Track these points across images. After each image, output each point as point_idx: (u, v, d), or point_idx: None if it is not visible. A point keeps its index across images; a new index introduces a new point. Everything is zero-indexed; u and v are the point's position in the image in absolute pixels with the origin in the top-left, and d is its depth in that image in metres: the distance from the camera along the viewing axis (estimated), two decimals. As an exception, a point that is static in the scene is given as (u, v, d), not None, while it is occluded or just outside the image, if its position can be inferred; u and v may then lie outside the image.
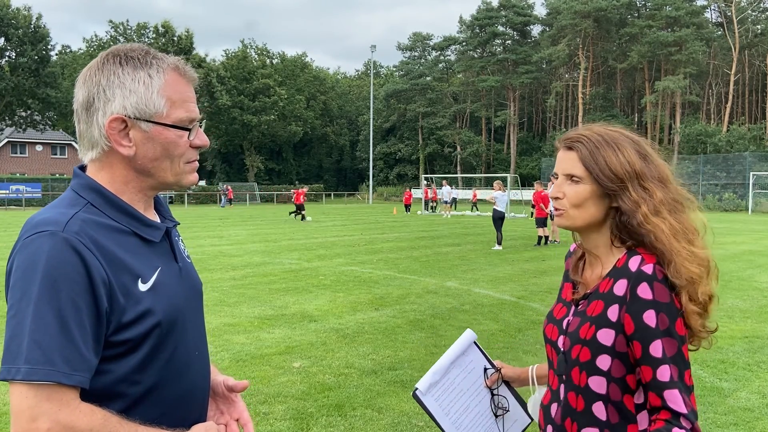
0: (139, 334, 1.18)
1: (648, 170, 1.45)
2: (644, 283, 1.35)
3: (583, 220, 1.47)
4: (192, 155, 1.32)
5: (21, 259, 1.13)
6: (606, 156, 1.43)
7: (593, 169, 1.44)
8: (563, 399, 1.50)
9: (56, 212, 1.18)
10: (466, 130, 68.66)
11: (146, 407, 1.20)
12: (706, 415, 4.39)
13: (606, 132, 1.49)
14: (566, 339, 1.48)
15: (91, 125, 1.24)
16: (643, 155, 1.47)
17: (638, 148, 1.47)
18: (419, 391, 1.51)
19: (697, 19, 56.12)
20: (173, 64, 1.28)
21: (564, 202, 1.48)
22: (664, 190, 1.44)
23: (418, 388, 1.52)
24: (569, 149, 1.49)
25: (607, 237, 1.49)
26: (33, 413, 1.05)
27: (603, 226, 1.48)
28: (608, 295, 1.42)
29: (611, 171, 1.42)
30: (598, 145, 1.45)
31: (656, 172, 1.46)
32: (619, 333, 1.38)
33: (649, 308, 1.34)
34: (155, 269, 1.25)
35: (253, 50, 66.83)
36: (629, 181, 1.42)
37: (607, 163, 1.43)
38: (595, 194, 1.45)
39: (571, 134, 1.51)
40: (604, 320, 1.40)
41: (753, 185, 38.68)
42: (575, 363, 1.45)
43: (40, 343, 1.06)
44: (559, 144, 1.53)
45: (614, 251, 1.48)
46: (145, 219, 1.28)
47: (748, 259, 13.26)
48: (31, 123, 49.43)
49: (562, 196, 1.48)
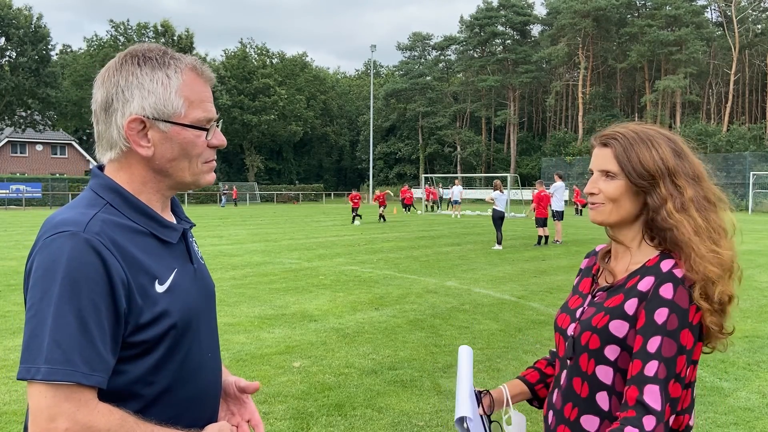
0: (156, 335, 1.18)
1: (682, 167, 1.46)
2: (669, 283, 1.36)
3: (618, 215, 1.48)
4: (210, 155, 1.32)
5: (41, 259, 1.13)
6: (639, 152, 1.45)
7: (626, 165, 1.45)
8: (564, 383, 1.50)
9: (76, 212, 1.18)
10: (466, 130, 68.67)
11: (160, 408, 1.21)
12: (706, 415, 4.39)
13: (642, 129, 1.50)
14: (577, 325, 1.49)
15: (109, 126, 1.25)
16: (678, 153, 1.48)
17: (673, 146, 1.48)
18: (469, 419, 1.40)
19: (697, 18, 56.17)
20: (191, 64, 1.29)
21: (600, 197, 1.49)
22: (696, 188, 1.45)
23: (467, 416, 1.40)
24: (604, 146, 1.51)
25: (638, 232, 1.50)
26: (52, 413, 1.05)
27: (636, 222, 1.49)
28: (630, 289, 1.42)
29: (643, 167, 1.44)
30: (632, 142, 1.47)
31: (690, 170, 1.47)
32: (632, 327, 1.39)
33: (663, 306, 1.35)
34: (172, 270, 1.25)
35: (252, 50, 66.85)
36: (660, 177, 1.43)
37: (640, 160, 1.44)
38: (629, 190, 1.46)
39: (607, 131, 1.53)
40: (619, 312, 1.41)
41: (753, 185, 38.65)
42: (584, 349, 1.45)
43: (60, 343, 1.06)
44: (595, 141, 1.55)
45: (643, 247, 1.49)
46: (162, 220, 1.28)
47: (748, 259, 13.26)
48: (31, 123, 49.42)
49: (597, 192, 1.49)
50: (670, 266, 1.38)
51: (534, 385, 1.75)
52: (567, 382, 1.50)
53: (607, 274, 1.54)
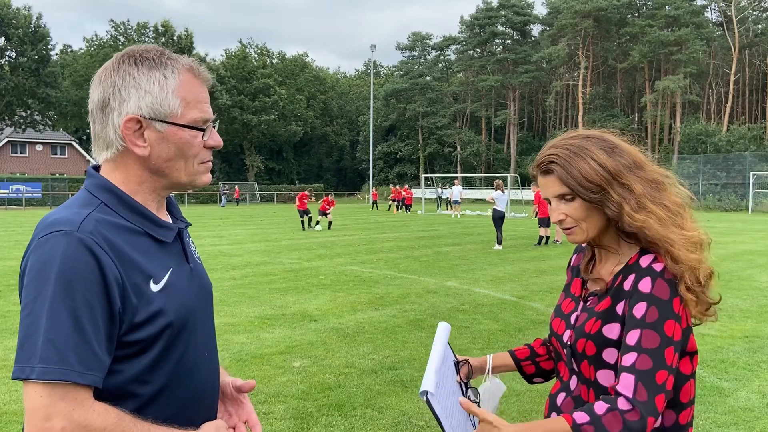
0: (151, 334, 1.18)
1: (621, 162, 1.45)
2: (648, 277, 1.38)
3: (595, 229, 1.49)
4: (206, 155, 1.33)
5: (35, 259, 1.13)
6: (580, 168, 1.44)
7: (574, 186, 1.44)
8: (575, 390, 1.52)
9: (70, 212, 1.18)
10: (466, 130, 68.65)
11: (156, 408, 1.21)
12: (706, 415, 4.39)
13: (570, 143, 1.49)
14: (572, 333, 1.50)
15: (106, 125, 1.25)
16: (611, 149, 1.47)
17: (604, 145, 1.47)
18: (431, 393, 1.43)
19: (697, 18, 56.12)
20: (188, 64, 1.29)
21: (569, 221, 1.49)
22: (641, 178, 1.45)
23: (429, 390, 1.43)
24: (547, 173, 1.49)
25: (615, 235, 1.51)
26: (47, 412, 1.05)
27: (610, 227, 1.50)
28: (617, 290, 1.43)
29: (589, 181, 1.43)
30: (569, 160, 1.45)
31: (628, 161, 1.46)
32: (623, 327, 1.40)
33: (642, 300, 1.36)
34: (167, 270, 1.25)
35: (252, 50, 66.84)
36: (608, 184, 1.43)
37: (583, 175, 1.43)
38: (589, 205, 1.46)
39: (541, 158, 1.51)
40: (611, 315, 1.42)
41: (753, 185, 38.64)
42: (583, 357, 1.46)
43: (55, 342, 1.06)
44: (535, 170, 1.53)
45: (624, 245, 1.50)
46: (157, 220, 1.28)
47: (748, 259, 13.26)
48: (31, 123, 49.42)
49: (564, 217, 1.49)
50: (649, 261, 1.40)
51: (521, 361, 1.78)
52: (578, 390, 1.51)
53: (595, 279, 1.55)
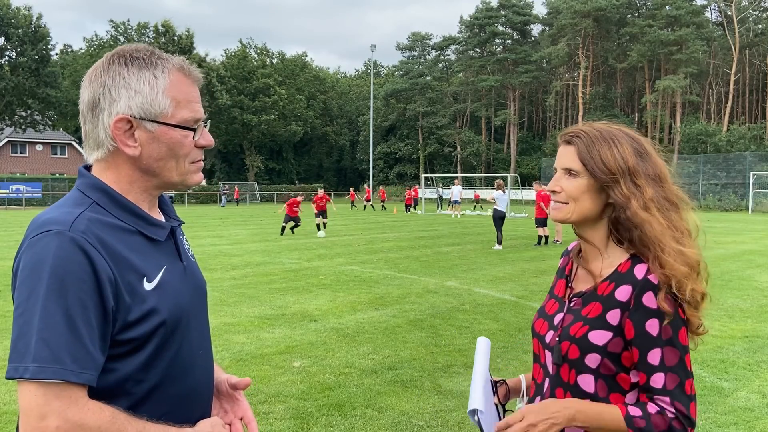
0: (145, 333, 1.18)
1: (643, 167, 1.47)
2: (650, 292, 1.37)
3: (579, 214, 1.49)
4: (197, 155, 1.32)
5: (27, 259, 1.13)
6: (601, 150, 1.46)
7: (588, 162, 1.46)
8: (548, 393, 1.51)
9: (62, 212, 1.18)
10: (466, 130, 68.64)
11: (151, 406, 1.21)
12: (706, 415, 4.39)
13: (605, 128, 1.51)
14: (555, 335, 1.50)
15: (96, 125, 1.25)
16: (640, 153, 1.48)
17: (636, 146, 1.49)
18: (481, 412, 1.40)
19: (697, 18, 56.12)
20: (178, 64, 1.29)
21: (562, 195, 1.50)
22: (657, 188, 1.46)
23: (479, 409, 1.40)
24: (568, 144, 1.52)
25: (605, 233, 1.50)
26: (42, 411, 1.06)
27: (599, 221, 1.50)
28: (608, 298, 1.43)
29: (604, 164, 1.45)
30: (594, 140, 1.48)
31: (652, 171, 1.48)
32: (616, 336, 1.40)
33: (652, 317, 1.37)
34: (160, 268, 1.26)
35: (252, 50, 66.84)
36: (621, 175, 1.44)
37: (601, 157, 1.45)
38: (591, 188, 1.47)
39: (571, 129, 1.54)
40: (601, 322, 1.42)
41: (753, 185, 38.64)
42: (564, 360, 1.46)
43: (48, 341, 1.06)
44: (560, 139, 1.56)
45: (613, 249, 1.49)
46: (150, 218, 1.29)
47: (748, 259, 13.26)
48: (31, 123, 49.40)
49: (559, 190, 1.50)
50: (644, 272, 1.40)
51: None
52: (550, 392, 1.51)
53: (581, 277, 1.55)
